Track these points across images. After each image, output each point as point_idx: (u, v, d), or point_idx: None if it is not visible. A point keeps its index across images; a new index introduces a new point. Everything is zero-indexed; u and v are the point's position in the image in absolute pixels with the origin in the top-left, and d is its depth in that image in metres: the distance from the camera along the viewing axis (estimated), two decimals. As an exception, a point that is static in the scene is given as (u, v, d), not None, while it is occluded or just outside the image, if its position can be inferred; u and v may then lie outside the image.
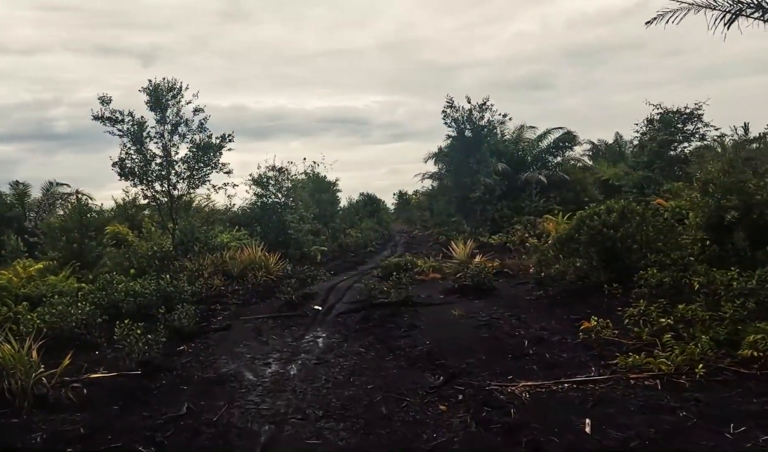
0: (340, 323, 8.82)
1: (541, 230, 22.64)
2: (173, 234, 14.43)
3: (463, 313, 8.65)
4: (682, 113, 18.50)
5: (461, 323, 8.15)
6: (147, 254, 12.64)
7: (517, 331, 7.36)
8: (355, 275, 16.08)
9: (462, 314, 8.58)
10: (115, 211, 27.85)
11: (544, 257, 9.68)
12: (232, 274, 13.56)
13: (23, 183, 30.54)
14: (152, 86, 14.46)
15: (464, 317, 8.50)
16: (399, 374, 5.95)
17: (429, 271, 14.28)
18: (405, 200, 57.96)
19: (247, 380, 6.04)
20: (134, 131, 13.94)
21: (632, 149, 41.12)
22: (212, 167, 14.72)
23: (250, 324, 9.21)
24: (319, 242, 22.60)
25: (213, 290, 12.20)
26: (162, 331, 7.01)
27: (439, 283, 13.20)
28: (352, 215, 35.31)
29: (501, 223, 25.02)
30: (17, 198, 29.69)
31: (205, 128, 14.99)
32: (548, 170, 28.06)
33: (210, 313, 10.13)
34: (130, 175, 14.49)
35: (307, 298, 11.29)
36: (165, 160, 14.65)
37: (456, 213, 26.74)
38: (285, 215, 20.39)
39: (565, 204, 26.38)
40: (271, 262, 14.90)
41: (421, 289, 11.53)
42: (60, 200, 29.51)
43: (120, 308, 8.73)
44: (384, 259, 22.88)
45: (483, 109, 25.63)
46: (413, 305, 9.53)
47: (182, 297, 9.54)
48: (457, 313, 8.67)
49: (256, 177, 20.32)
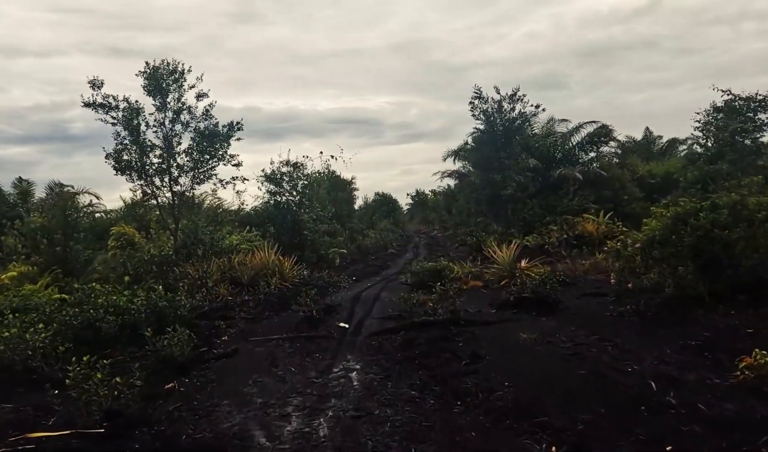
0: (375, 349, 6.90)
1: (580, 230, 20.64)
2: (175, 236, 12.63)
3: (536, 336, 6.68)
4: (754, 100, 16.26)
5: (539, 351, 6.18)
6: (144, 258, 10.83)
7: (625, 365, 5.38)
8: (379, 282, 14.18)
9: (535, 339, 6.61)
10: (124, 211, 26.37)
11: (628, 264, 7.66)
12: (242, 281, 11.74)
13: (27, 181, 29.19)
14: (150, 69, 12.69)
15: (539, 342, 6.53)
16: (483, 439, 4.01)
17: (468, 278, 12.31)
18: (421, 199, 56.14)
19: (258, 446, 4.15)
20: (129, 118, 12.15)
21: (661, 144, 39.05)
22: (219, 159, 12.89)
23: (261, 348, 7.33)
24: (337, 243, 20.73)
25: (219, 302, 10.39)
26: (136, 370, 5.13)
27: (482, 292, 11.24)
28: (370, 215, 33.47)
29: (532, 223, 22.96)
30: (20, 197, 28.32)
31: (211, 116, 13.20)
32: (582, 166, 25.93)
33: (213, 332, 8.28)
34: (126, 169, 12.72)
35: (329, 311, 9.41)
36: (166, 151, 12.86)
37: (485, 212, 24.66)
38: (300, 214, 18.58)
39: (602, 203, 24.26)
40: (286, 267, 13.07)
41: (464, 300, 9.56)
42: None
43: (99, 329, 6.88)
44: (408, 262, 21.01)
45: (514, 100, 23.60)
46: (465, 323, 7.57)
47: (178, 314, 7.69)
48: (526, 336, 6.70)
49: (269, 173, 18.51)
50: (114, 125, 12.13)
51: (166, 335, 6.19)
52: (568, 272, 12.17)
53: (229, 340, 7.92)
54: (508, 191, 22.05)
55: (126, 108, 12.17)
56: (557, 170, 24.57)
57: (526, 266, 12.52)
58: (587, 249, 18.28)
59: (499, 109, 23.43)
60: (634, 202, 25.46)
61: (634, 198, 25.63)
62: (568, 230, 20.70)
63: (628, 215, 23.23)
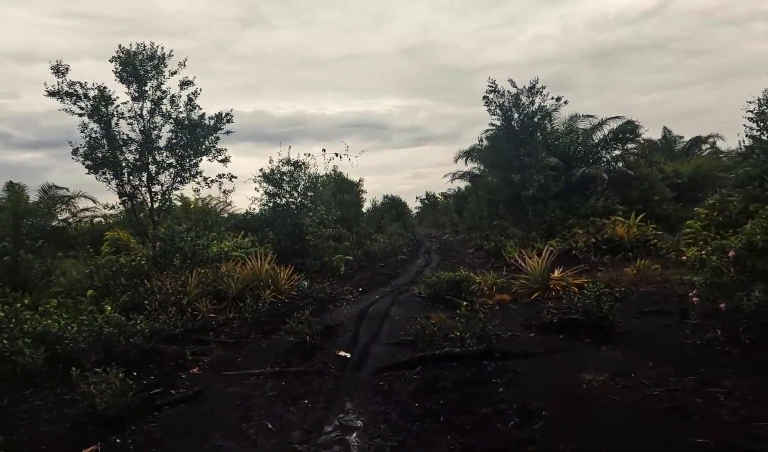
0: (384, 394, 5.12)
1: (610, 234, 18.78)
2: (154, 243, 10.95)
3: (604, 377, 4.87)
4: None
5: (616, 401, 4.38)
6: (111, 269, 9.17)
7: (762, 427, 3.57)
8: (389, 294, 12.40)
9: (603, 381, 4.80)
10: (123, 215, 25.01)
11: (715, 277, 5.81)
12: (229, 294, 10.03)
13: (18, 184, 27.94)
14: (124, 52, 11.06)
15: (610, 385, 4.72)
16: None
17: (493, 290, 10.49)
18: (432, 202, 54.41)
19: None
20: (98, 107, 10.53)
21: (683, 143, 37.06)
22: (203, 153, 11.22)
23: (235, 388, 5.59)
24: (343, 249, 18.98)
25: (197, 320, 8.68)
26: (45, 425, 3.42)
27: (511, 309, 9.41)
28: (378, 219, 31.70)
29: (553, 226, 21.10)
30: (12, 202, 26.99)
31: (196, 106, 11.54)
32: (607, 164, 24.07)
33: (179, 362, 6.56)
34: (101, 167, 11.09)
35: (328, 334, 7.66)
36: (143, 146, 11.21)
37: (503, 215, 22.80)
38: (302, 217, 16.85)
39: (629, 204, 22.38)
40: (282, 278, 11.33)
41: (494, 321, 7.77)
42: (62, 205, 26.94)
43: (15, 363, 5.18)
44: (420, 269, 19.21)
45: (533, 92, 21.72)
46: (501, 356, 5.78)
47: (132, 342, 5.98)
48: (591, 377, 4.89)
49: (268, 172, 16.80)
50: (81, 116, 10.51)
51: (93, 378, 4.46)
52: (610, 282, 10.31)
53: (197, 375, 6.20)
54: (529, 191, 20.18)
55: (96, 96, 10.53)
56: (580, 169, 22.70)
57: (560, 276, 10.70)
58: (621, 254, 16.48)
59: (516, 103, 21.58)
60: (665, 203, 23.50)
61: (665, 199, 23.65)
62: (596, 234, 18.84)
63: (658, 218, 21.32)
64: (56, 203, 26.65)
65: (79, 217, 27.67)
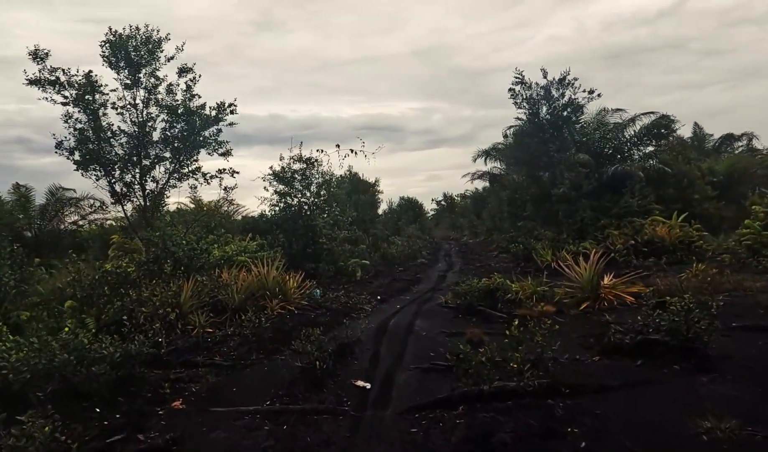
0: (418, 448, 3.78)
1: (650, 235, 17.19)
2: (147, 248, 9.74)
3: (730, 425, 3.46)
4: None
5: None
6: (94, 278, 7.99)
7: None
8: (411, 303, 11.04)
9: (731, 430, 3.40)
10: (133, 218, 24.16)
11: None
12: (228, 306, 8.77)
13: (24, 186, 27.27)
14: (115, 36, 9.91)
15: (745, 437, 3.32)
16: None
17: (533, 300, 9.04)
18: (448, 204, 53.10)
19: None
20: (84, 95, 9.39)
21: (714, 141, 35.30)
22: (201, 145, 10.01)
23: (221, 433, 4.30)
24: (359, 252, 17.67)
25: (191, 337, 7.43)
26: None
27: (557, 321, 7.95)
28: (395, 220, 30.35)
29: (585, 227, 19.54)
30: (19, 204, 26.30)
31: (195, 95, 10.35)
32: (640, 161, 22.44)
33: (157, 395, 5.29)
34: (90, 162, 9.96)
35: (342, 355, 6.35)
36: (137, 139, 10.04)
37: (531, 215, 21.28)
38: (315, 218, 15.60)
39: (665, 203, 20.75)
40: (291, 286, 10.04)
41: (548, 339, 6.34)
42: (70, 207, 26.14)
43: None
44: (442, 274, 17.77)
45: (563, 85, 20.24)
46: (571, 392, 4.39)
47: (94, 371, 4.73)
48: (711, 424, 3.48)
49: (278, 170, 15.58)
50: (65, 106, 9.39)
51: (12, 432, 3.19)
52: (672, 290, 8.81)
53: (179, 410, 4.92)
54: (560, 189, 18.65)
55: (82, 83, 9.39)
56: (612, 167, 21.09)
57: (611, 284, 9.24)
58: (665, 257, 14.91)
59: (546, 95, 20.10)
60: (706, 202, 21.78)
61: (706, 197, 21.93)
62: (635, 235, 17.25)
63: (698, 217, 19.62)
64: (64, 205, 25.87)
65: (89, 220, 26.90)
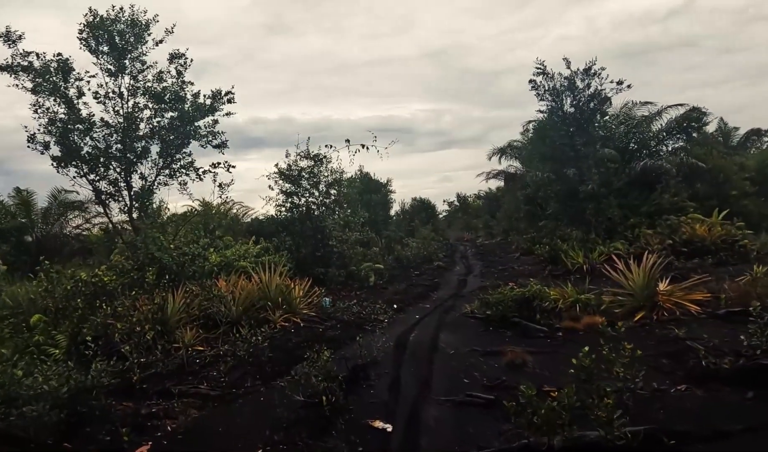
0: None
1: (688, 234, 15.84)
2: (133, 253, 8.63)
3: None
4: None
5: None
6: (67, 288, 6.92)
7: None
8: (432, 312, 9.84)
9: None
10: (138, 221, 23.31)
11: None
12: (221, 320, 7.63)
13: (26, 190, 26.56)
14: (95, 16, 8.85)
15: None
16: None
17: (576, 310, 7.78)
18: (462, 205, 51.89)
19: None
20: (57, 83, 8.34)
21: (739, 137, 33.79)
22: (194, 136, 8.90)
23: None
24: (372, 256, 16.50)
25: (176, 358, 6.30)
26: None
27: (611, 335, 6.70)
28: (408, 221, 29.16)
29: (614, 226, 18.19)
30: (21, 207, 25.55)
31: (187, 82, 9.26)
32: (672, 155, 21.03)
33: (114, 441, 4.15)
34: (69, 159, 8.91)
35: (355, 380, 5.20)
36: (124, 131, 8.97)
37: (557, 213, 19.92)
38: (324, 219, 14.47)
39: (700, 200, 19.29)
40: (296, 294, 8.90)
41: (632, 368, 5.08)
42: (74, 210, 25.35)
43: None
44: (461, 278, 16.49)
45: (588, 75, 18.86)
46: (676, 442, 3.16)
47: (26, 412, 3.61)
48: None
49: (284, 168, 14.47)
50: (37, 94, 8.34)
51: None
52: (739, 296, 7.51)
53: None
54: (589, 186, 17.29)
55: (56, 67, 8.33)
56: (641, 162, 19.68)
57: (668, 290, 7.94)
58: (710, 259, 13.55)
59: (571, 86, 18.74)
60: (745, 198, 20.28)
61: (745, 193, 20.43)
62: (672, 235, 15.88)
63: (737, 215, 18.17)
64: (67, 208, 25.11)
65: (93, 223, 26.14)
